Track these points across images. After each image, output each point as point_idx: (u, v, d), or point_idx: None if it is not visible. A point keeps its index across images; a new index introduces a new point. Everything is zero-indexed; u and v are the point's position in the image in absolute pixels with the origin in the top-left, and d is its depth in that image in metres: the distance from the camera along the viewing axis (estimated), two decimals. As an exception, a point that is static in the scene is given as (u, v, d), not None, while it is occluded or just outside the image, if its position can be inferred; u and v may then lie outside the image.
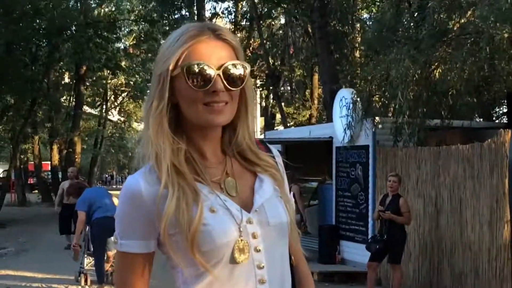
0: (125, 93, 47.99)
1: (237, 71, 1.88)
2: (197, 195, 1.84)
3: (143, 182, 1.87)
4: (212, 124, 1.88)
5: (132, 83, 44.71)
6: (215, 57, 1.86)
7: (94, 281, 11.52)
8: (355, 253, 13.40)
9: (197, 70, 1.84)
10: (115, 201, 11.26)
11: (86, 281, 11.72)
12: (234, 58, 1.90)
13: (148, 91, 1.94)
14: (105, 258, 11.32)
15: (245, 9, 32.21)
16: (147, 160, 1.90)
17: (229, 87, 1.86)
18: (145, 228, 1.88)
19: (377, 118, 13.54)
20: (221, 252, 1.84)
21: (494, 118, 18.16)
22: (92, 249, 11.46)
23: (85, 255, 11.87)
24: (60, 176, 36.65)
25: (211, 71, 1.84)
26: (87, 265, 11.82)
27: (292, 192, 14.26)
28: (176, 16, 30.01)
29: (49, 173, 40.10)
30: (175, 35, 1.92)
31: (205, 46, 1.87)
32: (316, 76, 29.17)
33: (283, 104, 32.54)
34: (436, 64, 13.09)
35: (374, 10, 26.67)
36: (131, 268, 1.92)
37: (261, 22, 29.71)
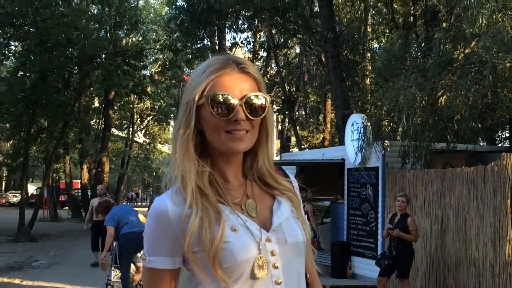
0: (151, 117, 48.10)
1: (259, 101, 1.90)
2: (219, 215, 1.86)
3: (169, 203, 1.90)
4: (233, 150, 1.91)
5: (157, 107, 44.91)
6: (238, 89, 1.88)
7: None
8: (366, 269, 13.33)
9: (221, 100, 1.86)
10: (140, 217, 11.32)
11: None
12: (256, 89, 1.93)
13: (173, 116, 1.97)
14: (136, 269, 11.32)
15: (263, 39, 32.32)
16: (174, 182, 1.93)
17: (250, 116, 1.88)
18: (172, 246, 1.90)
19: (386, 141, 13.52)
20: (242, 268, 1.85)
21: (497, 142, 18.06)
22: (119, 263, 11.45)
23: (112, 268, 11.86)
24: (89, 193, 36.74)
25: (233, 101, 1.87)
26: (114, 277, 11.80)
27: (305, 211, 14.25)
28: (198, 45, 30.11)
29: (79, 191, 40.18)
30: (201, 67, 1.95)
31: (229, 78, 1.89)
32: (329, 102, 29.18)
33: (298, 127, 32.58)
34: (442, 91, 13.06)
35: (383, 40, 26.78)
36: (158, 283, 1.94)
37: (277, 51, 29.84)
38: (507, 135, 15.81)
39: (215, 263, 1.83)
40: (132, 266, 11.22)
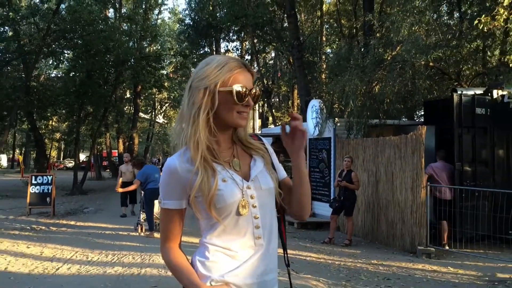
0: (167, 104, 48.03)
1: (257, 93, 1.98)
2: (215, 172, 1.89)
3: (178, 162, 1.92)
4: (240, 125, 1.97)
5: (172, 97, 44.77)
6: (249, 83, 1.94)
7: (146, 229, 11.56)
8: (322, 210, 13.42)
9: (242, 91, 1.90)
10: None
11: (142, 229, 11.75)
12: (252, 83, 1.98)
13: (185, 97, 1.95)
14: (154, 214, 11.37)
15: (247, 47, 32.12)
16: (183, 145, 1.94)
17: (253, 103, 1.94)
18: (179, 192, 1.92)
19: (336, 119, 13.55)
20: (230, 207, 1.89)
21: (415, 119, 18.13)
22: (145, 208, 11.50)
23: (141, 212, 11.89)
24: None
25: (248, 92, 1.93)
26: (142, 219, 11.84)
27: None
28: (201, 52, 29.96)
29: (117, 158, 40.02)
30: (216, 62, 1.93)
31: (244, 75, 1.94)
32: (295, 91, 29.15)
33: (273, 110, 32.52)
34: (376, 82, 13.09)
35: (334, 46, 26.74)
36: (170, 219, 1.96)
37: (258, 55, 29.67)
38: (422, 113, 15.86)
39: (211, 206, 1.87)
40: (156, 209, 11.26)
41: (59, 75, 32.58)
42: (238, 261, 1.90)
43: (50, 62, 34.83)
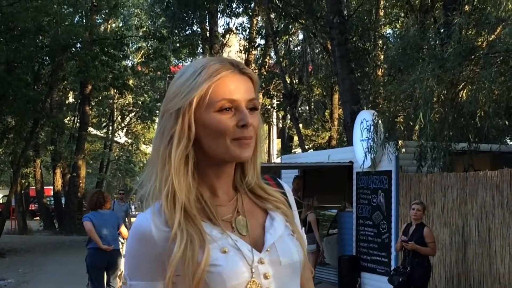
0: (133, 113, 48.13)
1: (257, 105, 1.96)
2: (204, 239, 1.88)
3: (153, 225, 1.92)
4: (240, 158, 1.94)
5: (140, 102, 44.88)
6: (241, 92, 1.92)
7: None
8: (377, 286, 13.39)
9: (230, 105, 1.90)
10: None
11: None
12: (254, 92, 1.97)
13: (158, 112, 1.99)
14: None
15: (260, 24, 32.33)
16: (158, 197, 1.94)
17: (252, 121, 1.91)
18: (154, 269, 1.93)
19: (400, 141, 13.57)
20: None
21: (526, 142, 18.12)
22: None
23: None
24: (63, 201, 36.79)
25: (242, 105, 1.91)
26: None
27: (308, 221, 14.32)
28: (187, 32, 30.15)
29: (52, 198, 40.23)
30: (192, 69, 1.95)
31: (234, 79, 1.93)
32: (336, 96, 29.29)
33: (300, 125, 32.54)
34: (463, 84, 13.13)
35: (397, 26, 26.78)
36: None
37: (277, 38, 29.79)
38: (538, 133, 15.84)
39: None
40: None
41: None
42: None
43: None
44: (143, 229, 1.93)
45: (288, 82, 30.13)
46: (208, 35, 31.04)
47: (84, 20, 30.64)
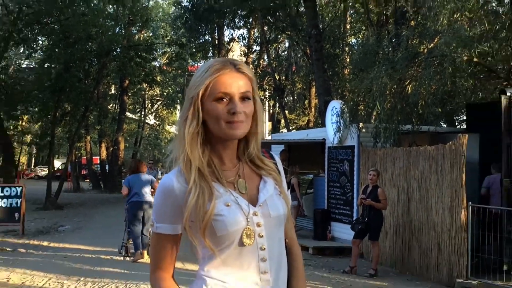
0: (160, 102, 48.05)
1: (250, 96, 1.98)
2: (212, 193, 1.92)
3: (175, 182, 1.96)
4: (232, 137, 1.97)
5: (165, 93, 44.77)
6: (235, 85, 1.94)
7: (133, 252, 11.60)
8: (343, 232, 13.44)
9: (222, 96, 1.93)
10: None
11: (127, 252, 11.84)
12: (250, 87, 1.98)
13: (179, 101, 2.02)
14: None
15: (256, 35, 32.22)
16: (177, 163, 1.99)
17: (244, 109, 1.94)
18: (174, 215, 1.96)
19: (361, 124, 13.59)
20: (232, 236, 1.92)
21: (456, 124, 18.16)
22: (128, 225, 11.69)
23: (126, 232, 11.96)
24: (107, 168, 36.83)
25: (233, 96, 1.93)
26: (128, 240, 11.91)
27: (292, 183, 14.37)
28: (201, 40, 30.07)
29: (98, 166, 40.24)
30: (203, 68, 1.99)
31: (228, 77, 1.94)
32: (313, 89, 29.18)
33: (286, 111, 32.56)
34: (408, 80, 13.10)
35: (360, 36, 26.75)
36: (163, 245, 2.01)
37: (269, 45, 29.79)
38: (464, 118, 15.87)
39: (205, 233, 1.91)
40: (147, 227, 11.32)
41: (31, 66, 32.85)
42: None
43: (21, 51, 35.16)
44: (167, 185, 1.97)
45: (277, 79, 30.13)
46: (216, 43, 30.90)
47: (123, 31, 30.44)
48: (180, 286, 2.03)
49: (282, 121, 32.91)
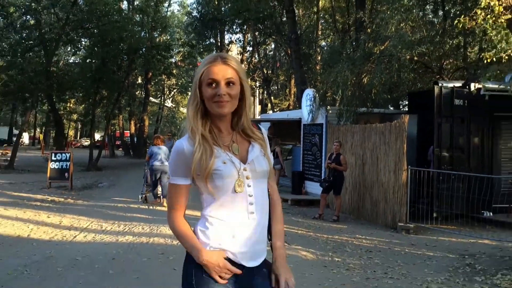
0: (175, 89, 47.86)
1: (233, 81, 1.96)
2: (212, 152, 1.94)
3: (185, 144, 1.97)
4: (219, 114, 1.97)
5: (179, 83, 44.64)
6: (221, 74, 1.94)
7: (152, 200, 11.79)
8: (314, 189, 13.56)
9: (209, 81, 1.94)
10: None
11: (146, 199, 12.32)
12: (235, 75, 1.96)
13: (190, 89, 2.06)
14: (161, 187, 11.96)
15: (249, 39, 31.95)
16: (187, 131, 2.00)
17: (228, 91, 1.94)
18: (185, 170, 1.98)
19: (328, 107, 13.62)
20: (227, 185, 1.94)
21: (400, 108, 18.19)
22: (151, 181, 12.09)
23: (144, 185, 12.54)
24: (135, 140, 36.75)
25: (217, 82, 1.94)
26: (145, 191, 12.44)
27: (276, 151, 14.41)
28: (207, 42, 29.86)
29: (128, 138, 40.15)
30: (204, 59, 2.02)
31: (215, 67, 1.95)
32: (292, 81, 29.09)
33: (272, 97, 32.54)
34: (364, 74, 13.11)
35: (328, 40, 26.60)
36: (177, 193, 2.03)
37: (259, 47, 29.60)
38: (406, 103, 15.90)
39: (207, 182, 1.93)
40: (165, 181, 11.63)
41: (76, 61, 32.49)
42: (234, 232, 1.97)
43: (69, 49, 34.79)
44: (179, 147, 1.98)
45: (265, 72, 30.00)
46: (219, 44, 30.64)
47: (147, 35, 30.06)
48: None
49: (269, 105, 32.85)
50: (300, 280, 5.54)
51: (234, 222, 1.97)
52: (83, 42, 26.78)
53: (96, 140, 39.06)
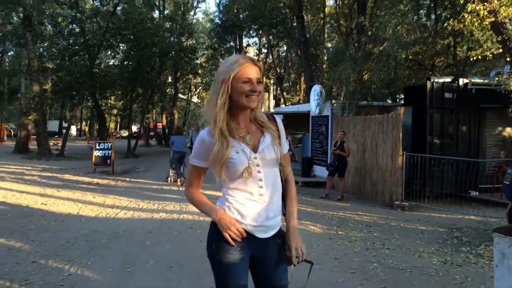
0: (200, 87, 47.91)
1: (261, 81, 2.02)
2: (228, 144, 1.99)
3: (206, 135, 2.03)
4: (250, 107, 2.01)
5: (204, 82, 44.62)
6: (255, 74, 1.99)
7: (174, 180, 11.93)
8: (321, 172, 13.55)
9: (248, 80, 1.98)
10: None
11: (170, 180, 12.80)
12: (260, 74, 2.02)
13: (212, 87, 2.06)
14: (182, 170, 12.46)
15: (264, 42, 31.79)
16: (209, 124, 2.03)
17: (259, 89, 2.00)
18: (204, 155, 2.05)
19: (333, 101, 13.56)
20: (239, 171, 2.01)
21: (397, 101, 18.00)
22: (175, 164, 12.41)
23: (170, 169, 12.93)
24: (167, 131, 36.94)
25: (254, 81, 1.99)
26: (170, 172, 12.88)
27: (288, 140, 14.41)
28: (227, 46, 29.80)
29: (161, 129, 40.40)
30: (231, 60, 2.02)
31: (250, 67, 1.99)
32: (302, 78, 28.92)
33: (284, 93, 32.39)
34: (365, 72, 13.02)
35: (333, 42, 26.35)
36: (196, 172, 2.12)
37: (273, 49, 29.42)
38: (402, 96, 15.73)
39: (222, 169, 2.00)
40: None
41: (115, 64, 32.68)
42: (246, 209, 2.02)
43: (109, 53, 34.76)
44: (202, 137, 2.04)
45: (278, 71, 29.87)
46: (238, 47, 30.56)
47: (176, 39, 30.10)
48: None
49: (282, 99, 32.75)
50: (309, 250, 5.59)
51: (247, 202, 2.03)
52: (121, 47, 26.89)
53: (133, 131, 39.46)
